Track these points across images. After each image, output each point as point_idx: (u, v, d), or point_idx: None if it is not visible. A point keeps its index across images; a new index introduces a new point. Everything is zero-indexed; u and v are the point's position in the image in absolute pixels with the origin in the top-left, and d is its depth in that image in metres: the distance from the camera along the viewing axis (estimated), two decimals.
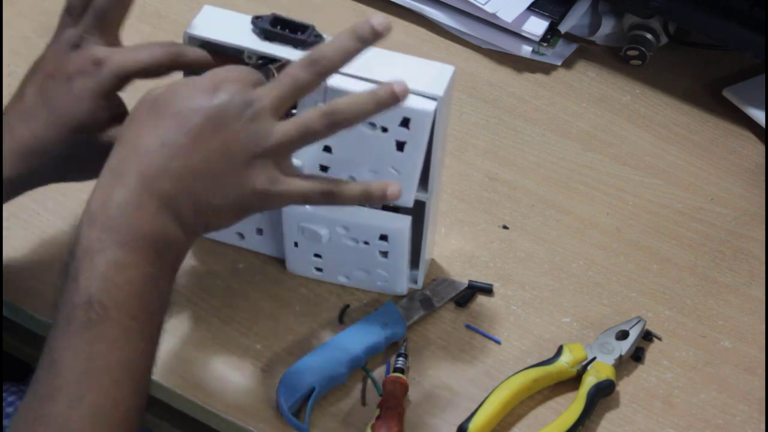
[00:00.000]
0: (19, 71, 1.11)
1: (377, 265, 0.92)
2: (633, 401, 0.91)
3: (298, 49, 0.83)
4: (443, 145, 0.88)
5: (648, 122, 1.14)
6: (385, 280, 0.94)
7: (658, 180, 1.08)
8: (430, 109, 0.81)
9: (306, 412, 0.85)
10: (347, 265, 0.94)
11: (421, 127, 0.82)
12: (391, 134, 0.83)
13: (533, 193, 1.06)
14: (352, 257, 0.92)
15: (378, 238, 0.90)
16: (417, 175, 0.85)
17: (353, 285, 0.95)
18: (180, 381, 0.89)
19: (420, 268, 0.95)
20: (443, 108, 0.83)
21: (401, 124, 0.82)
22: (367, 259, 0.92)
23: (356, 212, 0.89)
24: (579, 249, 1.01)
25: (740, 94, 1.15)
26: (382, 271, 0.93)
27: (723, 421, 0.90)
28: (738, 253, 1.02)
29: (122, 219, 0.71)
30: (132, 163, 0.73)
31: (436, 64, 0.83)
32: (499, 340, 0.94)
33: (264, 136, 0.74)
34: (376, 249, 0.91)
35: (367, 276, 0.94)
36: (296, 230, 0.91)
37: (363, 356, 0.89)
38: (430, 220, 0.91)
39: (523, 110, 1.14)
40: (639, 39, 1.17)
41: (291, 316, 0.94)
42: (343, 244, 0.91)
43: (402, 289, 0.95)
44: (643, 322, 0.94)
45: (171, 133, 0.73)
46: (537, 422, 0.89)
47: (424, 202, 0.89)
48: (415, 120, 0.82)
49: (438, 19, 1.21)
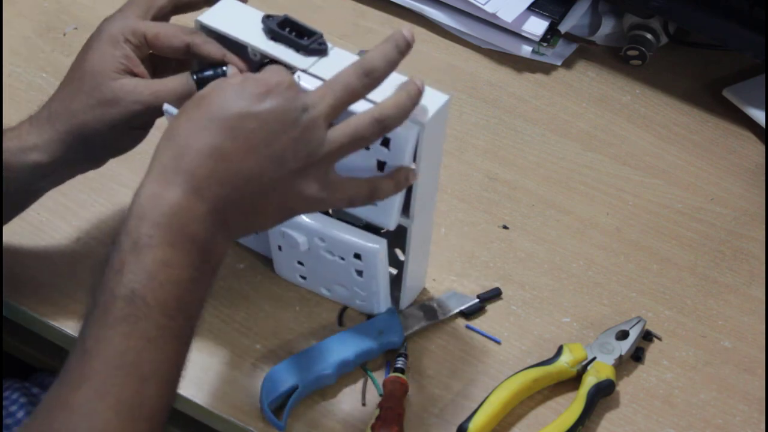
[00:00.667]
0: (19, 71, 1.12)
1: (354, 282, 0.91)
2: (633, 401, 0.91)
3: (300, 54, 0.82)
4: (433, 174, 0.86)
5: (648, 122, 1.14)
6: (363, 299, 0.93)
7: (658, 180, 1.08)
8: (411, 134, 0.79)
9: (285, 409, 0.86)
10: (328, 277, 0.93)
11: (401, 150, 0.80)
12: (373, 152, 0.81)
13: (533, 193, 1.06)
14: (331, 270, 0.92)
15: (353, 255, 0.89)
16: (397, 199, 0.84)
17: (335, 299, 0.95)
18: (180, 381, 0.89)
19: (403, 293, 0.93)
20: (431, 137, 0.81)
21: (382, 143, 0.80)
22: (344, 275, 0.91)
23: (335, 225, 0.89)
24: (579, 249, 1.01)
25: (740, 94, 1.15)
26: (358, 289, 0.92)
27: (723, 421, 0.90)
28: (738, 253, 1.02)
29: (173, 219, 0.71)
30: (183, 163, 0.72)
31: (432, 91, 0.81)
32: (499, 340, 0.94)
33: (318, 144, 0.74)
34: (351, 266, 0.90)
35: (346, 292, 0.93)
36: (279, 234, 0.91)
37: (353, 360, 0.89)
38: (413, 246, 0.89)
39: (523, 110, 1.14)
40: (639, 39, 1.17)
41: (291, 317, 0.94)
42: (322, 256, 0.90)
43: (380, 311, 0.93)
44: (643, 322, 0.94)
45: (223, 137, 0.72)
46: (537, 422, 0.89)
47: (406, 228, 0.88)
48: (394, 141, 0.80)
49: (438, 19, 1.21)
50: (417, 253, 0.91)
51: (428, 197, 0.87)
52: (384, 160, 0.81)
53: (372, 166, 0.82)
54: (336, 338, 0.90)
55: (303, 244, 0.90)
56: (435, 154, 0.84)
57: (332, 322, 0.94)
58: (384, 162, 0.81)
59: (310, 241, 0.90)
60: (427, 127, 0.80)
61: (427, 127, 0.80)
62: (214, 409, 0.88)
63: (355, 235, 0.88)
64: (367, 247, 0.88)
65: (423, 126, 0.79)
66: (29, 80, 1.10)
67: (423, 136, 0.80)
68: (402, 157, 0.80)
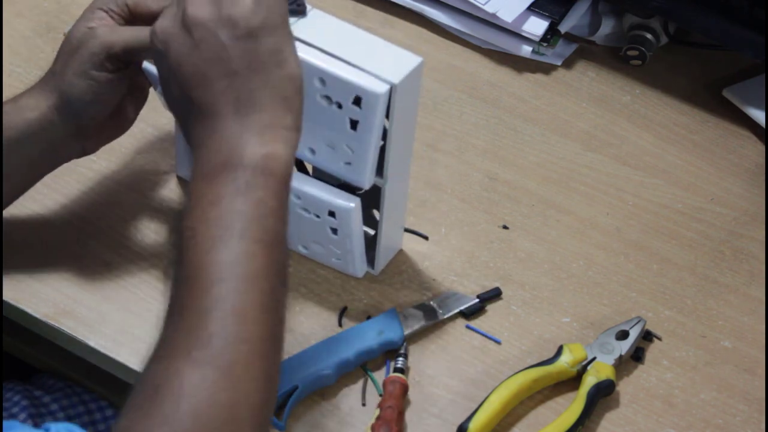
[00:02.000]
0: (19, 71, 1.12)
1: (329, 240, 0.94)
2: (633, 401, 0.91)
3: None
4: (407, 136, 0.89)
5: (648, 122, 1.14)
6: (339, 257, 0.95)
7: (658, 180, 1.08)
8: (380, 91, 0.83)
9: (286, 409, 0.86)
10: (304, 235, 0.95)
11: (372, 109, 0.83)
12: (345, 111, 0.84)
13: (533, 193, 1.06)
14: (308, 228, 0.94)
15: (327, 213, 0.91)
16: (369, 158, 0.86)
17: (312, 257, 0.97)
18: None
19: (378, 254, 0.95)
20: (403, 97, 0.84)
21: (353, 102, 0.84)
22: (320, 233, 0.93)
23: (310, 183, 0.91)
24: (579, 249, 1.01)
25: (740, 94, 1.15)
26: (334, 248, 0.94)
27: (723, 421, 0.90)
28: (738, 253, 1.02)
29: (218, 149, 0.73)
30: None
31: (407, 53, 0.85)
32: (499, 340, 0.94)
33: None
34: (326, 224, 0.92)
35: (322, 250, 0.95)
36: None
37: (353, 360, 0.89)
38: (387, 206, 0.92)
39: (523, 110, 1.14)
40: (639, 39, 1.17)
41: (291, 316, 0.94)
42: (298, 214, 0.92)
43: (355, 271, 0.96)
44: (643, 322, 0.94)
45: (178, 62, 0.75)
46: (537, 422, 0.89)
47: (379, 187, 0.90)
48: (366, 100, 0.83)
49: (438, 19, 1.21)
50: (391, 213, 0.94)
51: (403, 158, 0.91)
52: (356, 118, 0.84)
53: (345, 125, 0.85)
54: (336, 338, 0.90)
55: None
56: (408, 115, 0.88)
57: (332, 322, 0.94)
58: (357, 120, 0.85)
59: None
60: (399, 87, 0.83)
61: (399, 87, 0.83)
62: None
63: (329, 193, 0.90)
64: (341, 204, 0.90)
65: (395, 86, 0.83)
66: (29, 80, 1.10)
67: (395, 96, 0.83)
68: (374, 115, 0.83)
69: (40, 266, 0.95)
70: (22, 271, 0.95)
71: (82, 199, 1.01)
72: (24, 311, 0.93)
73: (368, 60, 0.84)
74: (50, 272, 0.95)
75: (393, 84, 0.83)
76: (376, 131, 0.85)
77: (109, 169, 1.02)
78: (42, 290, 0.93)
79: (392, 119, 0.85)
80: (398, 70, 0.83)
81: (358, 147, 0.86)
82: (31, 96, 0.89)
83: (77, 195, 1.01)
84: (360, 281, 0.96)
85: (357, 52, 0.84)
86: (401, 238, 0.99)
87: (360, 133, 0.85)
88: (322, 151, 0.88)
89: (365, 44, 0.85)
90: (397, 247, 0.99)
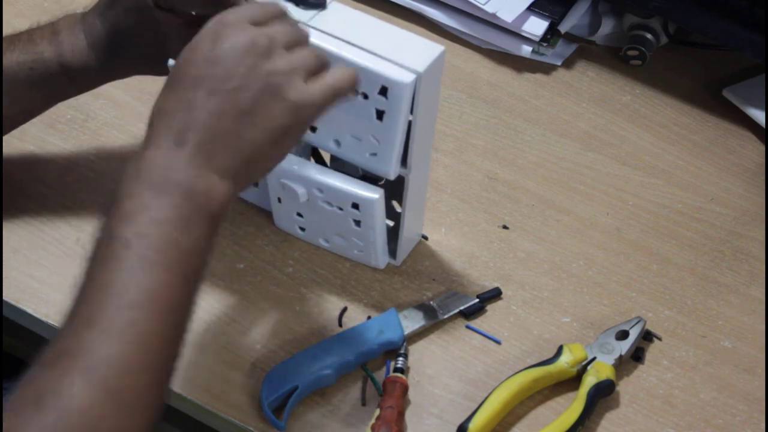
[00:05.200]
0: None
1: (352, 233, 0.94)
2: (633, 401, 0.91)
3: (299, 7, 0.85)
4: (429, 125, 0.89)
5: (648, 122, 1.14)
6: (361, 249, 0.95)
7: (658, 180, 1.08)
8: (407, 81, 0.83)
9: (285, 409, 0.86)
10: (326, 228, 0.95)
11: (398, 99, 0.83)
12: (371, 102, 0.84)
13: (533, 193, 1.06)
14: (330, 221, 0.94)
15: (351, 205, 0.91)
16: (395, 148, 0.86)
17: (333, 250, 0.97)
18: (180, 381, 0.89)
19: (399, 244, 0.96)
20: (427, 86, 0.84)
21: (380, 93, 0.84)
22: (342, 225, 0.94)
23: (333, 176, 0.91)
24: (579, 249, 1.01)
25: (740, 94, 1.15)
26: (356, 239, 0.94)
27: (723, 421, 0.90)
28: (738, 253, 1.02)
29: (150, 170, 0.71)
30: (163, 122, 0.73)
31: (429, 42, 0.85)
32: (499, 340, 0.94)
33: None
34: (349, 216, 0.92)
35: (344, 242, 0.96)
36: (278, 186, 0.93)
37: (353, 361, 0.89)
38: (410, 196, 0.92)
39: (523, 110, 1.14)
40: (639, 39, 1.17)
41: (291, 316, 0.94)
42: (321, 207, 0.93)
43: (378, 263, 0.96)
44: (643, 322, 0.94)
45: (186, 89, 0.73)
46: (537, 422, 0.89)
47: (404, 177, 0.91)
48: (392, 90, 0.83)
49: (438, 19, 1.21)
50: (413, 203, 0.94)
51: (425, 147, 0.91)
52: (382, 109, 0.85)
53: (370, 116, 0.85)
54: (336, 338, 0.90)
55: (302, 195, 0.92)
56: (431, 104, 0.88)
57: (332, 322, 0.94)
58: (383, 111, 0.85)
59: (309, 192, 0.92)
60: (424, 75, 0.83)
61: (424, 75, 0.83)
62: (214, 408, 0.88)
63: (353, 185, 0.91)
64: (365, 196, 0.90)
65: (420, 75, 0.83)
66: None
67: (420, 85, 0.83)
68: (400, 105, 0.83)
69: (40, 266, 0.95)
70: (22, 271, 0.95)
71: (83, 200, 1.01)
72: (24, 311, 0.93)
73: (392, 50, 0.83)
74: (50, 272, 0.95)
75: (419, 73, 0.83)
76: (403, 121, 0.85)
77: (109, 169, 1.02)
78: (42, 290, 0.93)
79: (416, 108, 0.85)
80: (422, 59, 0.83)
81: (384, 137, 0.86)
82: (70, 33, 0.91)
83: (78, 195, 1.01)
84: (360, 281, 0.97)
85: (380, 42, 0.84)
86: (421, 228, 0.99)
87: (386, 123, 0.85)
88: (347, 143, 0.88)
89: (386, 34, 0.85)
90: (417, 238, 0.99)
